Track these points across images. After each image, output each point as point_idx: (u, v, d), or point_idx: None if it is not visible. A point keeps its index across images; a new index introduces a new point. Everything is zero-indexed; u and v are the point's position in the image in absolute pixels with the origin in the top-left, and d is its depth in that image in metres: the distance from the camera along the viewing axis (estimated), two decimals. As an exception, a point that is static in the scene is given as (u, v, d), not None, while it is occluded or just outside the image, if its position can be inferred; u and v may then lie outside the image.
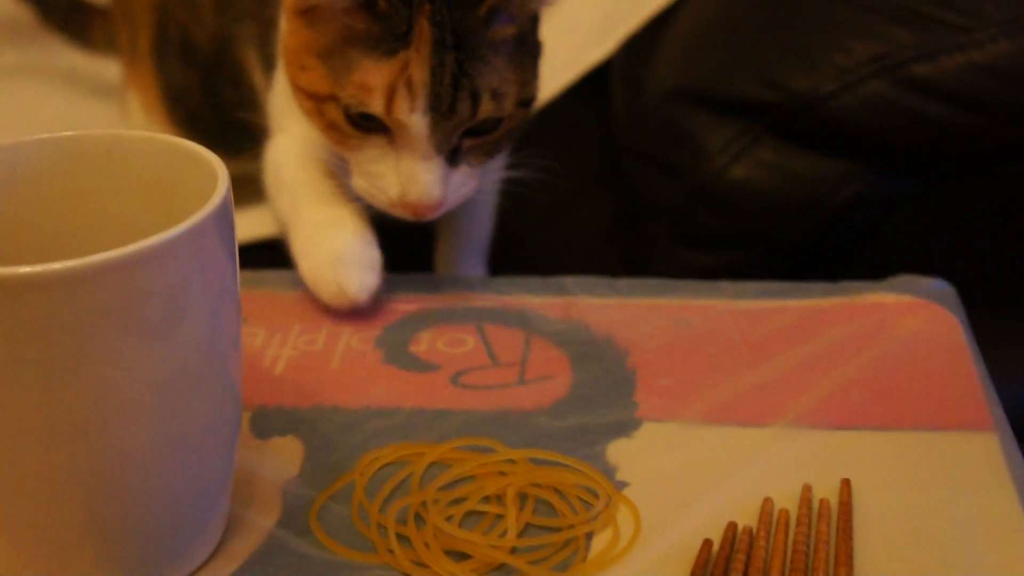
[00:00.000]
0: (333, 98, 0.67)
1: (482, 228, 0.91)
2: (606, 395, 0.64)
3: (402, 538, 0.53)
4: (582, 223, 1.06)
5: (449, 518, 0.54)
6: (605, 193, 1.08)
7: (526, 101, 0.71)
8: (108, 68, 1.14)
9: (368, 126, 0.67)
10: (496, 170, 0.79)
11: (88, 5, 1.16)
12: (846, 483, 0.56)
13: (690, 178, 0.93)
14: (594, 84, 1.09)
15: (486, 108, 0.67)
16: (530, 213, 0.98)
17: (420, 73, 0.64)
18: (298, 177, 0.76)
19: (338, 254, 0.70)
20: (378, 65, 0.65)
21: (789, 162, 0.89)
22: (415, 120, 0.65)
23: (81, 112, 1.16)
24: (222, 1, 0.93)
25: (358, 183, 0.71)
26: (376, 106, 0.65)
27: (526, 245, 1.01)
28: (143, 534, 0.50)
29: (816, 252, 0.90)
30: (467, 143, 0.69)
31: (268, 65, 0.83)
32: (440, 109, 0.65)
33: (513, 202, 0.87)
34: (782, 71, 0.89)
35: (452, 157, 0.69)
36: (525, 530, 0.54)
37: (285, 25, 0.70)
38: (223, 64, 0.92)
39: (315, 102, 0.69)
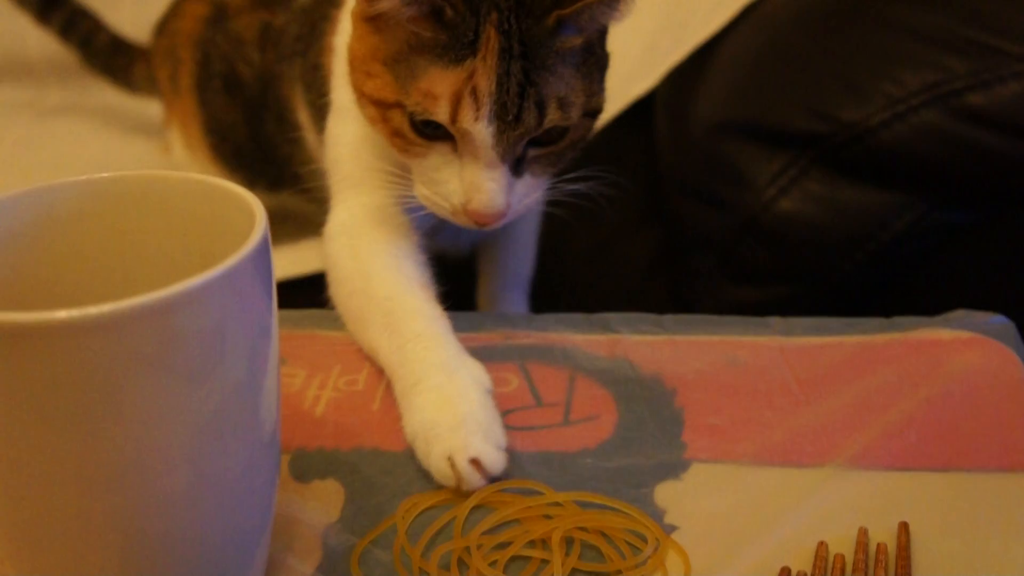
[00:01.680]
0: (399, 105, 0.67)
1: (524, 264, 0.90)
2: (653, 435, 0.63)
3: (446, 584, 0.52)
4: (627, 258, 1.05)
5: (493, 563, 0.53)
6: (650, 227, 1.07)
7: (592, 112, 0.70)
8: (150, 108, 1.15)
9: (433, 134, 0.67)
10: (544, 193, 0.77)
11: (130, 47, 1.17)
12: (904, 526, 0.54)
13: (737, 211, 0.92)
14: (638, 116, 1.08)
15: (552, 117, 0.66)
16: (574, 248, 0.97)
17: (486, 82, 0.64)
18: (396, 292, 0.70)
19: (463, 425, 0.61)
20: (444, 73, 0.64)
21: (839, 194, 0.88)
22: (480, 129, 0.65)
23: (123, 150, 1.17)
24: (267, 39, 0.93)
25: (420, 191, 0.70)
26: (441, 114, 0.65)
27: (570, 281, 1.01)
28: (181, 581, 0.49)
29: (868, 287, 0.89)
30: (532, 153, 0.68)
31: (316, 110, 0.83)
32: (506, 118, 0.65)
33: (556, 237, 0.86)
34: (831, 102, 0.88)
35: (516, 166, 0.68)
36: (572, 575, 0.53)
37: (351, 31, 0.70)
38: (268, 100, 0.92)
39: (380, 109, 0.68)
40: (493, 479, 0.59)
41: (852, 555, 0.53)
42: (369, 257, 0.73)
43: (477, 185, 0.67)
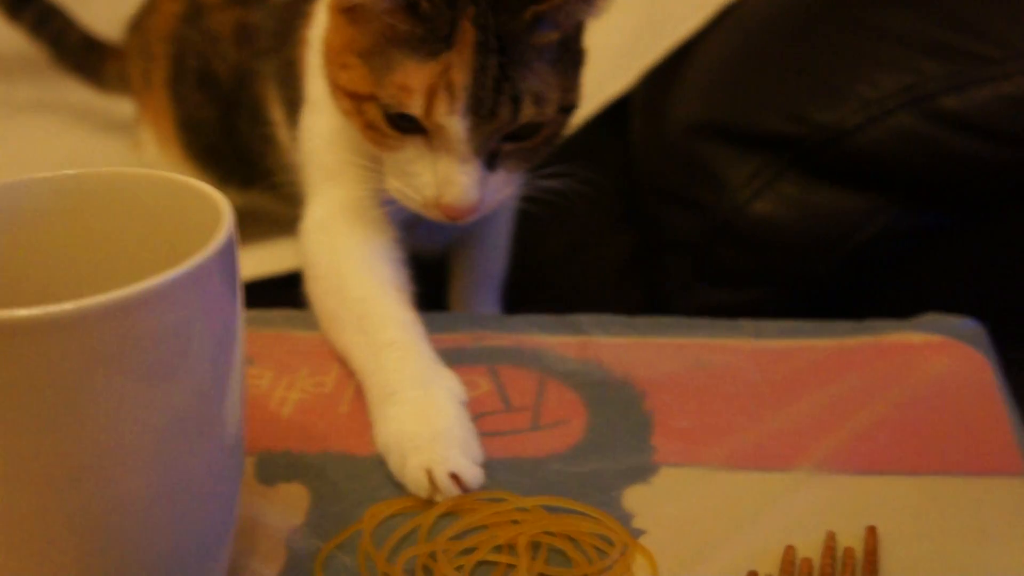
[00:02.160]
0: (373, 98, 0.66)
1: (497, 264, 0.90)
2: (622, 439, 0.62)
3: (411, 590, 0.52)
4: (600, 259, 1.04)
5: (459, 568, 0.53)
6: (624, 228, 1.06)
7: (568, 107, 0.70)
8: (121, 106, 1.14)
9: (407, 127, 0.66)
10: (517, 190, 0.77)
11: (102, 45, 1.16)
12: (872, 531, 0.54)
13: (711, 213, 0.91)
14: (613, 116, 1.07)
15: (527, 112, 0.66)
16: (547, 249, 0.97)
17: (461, 76, 0.64)
18: (369, 303, 0.70)
19: (442, 437, 0.61)
20: (419, 66, 0.64)
21: (813, 197, 0.87)
22: (454, 123, 0.64)
23: (94, 148, 1.16)
24: (243, 36, 0.92)
25: (392, 184, 0.70)
26: (415, 107, 0.65)
27: (542, 282, 1.00)
28: (142, 585, 0.48)
29: (841, 289, 0.88)
30: (506, 147, 0.68)
31: (290, 106, 0.82)
32: (481, 112, 0.64)
33: (529, 238, 0.85)
34: (806, 104, 0.87)
35: (490, 161, 0.68)
36: (538, 581, 0.52)
37: (327, 23, 0.70)
38: (242, 97, 0.92)
39: (355, 102, 0.68)
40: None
41: (820, 559, 0.53)
42: (345, 255, 0.72)
43: (450, 179, 0.66)
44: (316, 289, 0.73)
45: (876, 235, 0.86)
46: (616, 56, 1.08)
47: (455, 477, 0.58)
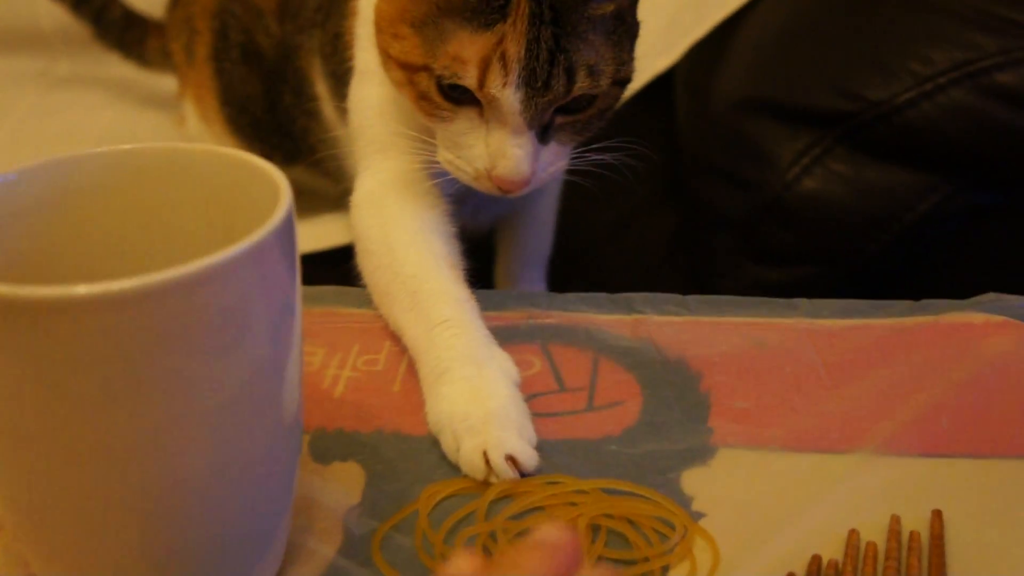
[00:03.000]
0: (426, 68, 0.66)
1: (543, 242, 0.89)
2: (679, 420, 0.62)
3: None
4: (645, 237, 1.04)
5: (518, 548, 0.52)
6: (669, 206, 1.05)
7: (622, 80, 0.69)
8: (162, 81, 1.14)
9: (460, 98, 0.66)
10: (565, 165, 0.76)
11: (143, 21, 1.16)
12: (937, 514, 0.53)
13: (759, 191, 0.90)
14: (658, 93, 1.06)
15: (581, 85, 0.65)
16: (592, 226, 0.96)
17: (515, 47, 0.63)
18: (422, 268, 0.69)
19: (496, 419, 0.59)
20: (473, 37, 0.63)
21: (864, 174, 0.86)
22: (508, 95, 0.64)
23: (135, 122, 1.16)
24: (287, 11, 0.92)
25: (444, 156, 0.69)
26: (469, 79, 0.64)
27: (587, 259, 0.99)
28: (199, 560, 0.48)
29: (894, 269, 0.87)
30: (559, 120, 0.67)
31: (335, 80, 0.81)
32: (534, 84, 0.63)
33: (574, 215, 0.85)
34: (857, 80, 0.86)
35: (543, 133, 0.67)
36: (598, 563, 0.52)
37: None
38: (286, 71, 0.91)
39: (407, 72, 0.67)
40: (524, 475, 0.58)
41: (884, 543, 0.52)
42: (396, 230, 0.71)
43: (503, 151, 0.66)
44: (368, 264, 0.72)
45: (928, 213, 0.85)
46: (662, 31, 1.07)
47: (511, 459, 0.58)
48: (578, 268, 0.96)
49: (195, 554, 0.47)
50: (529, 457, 0.58)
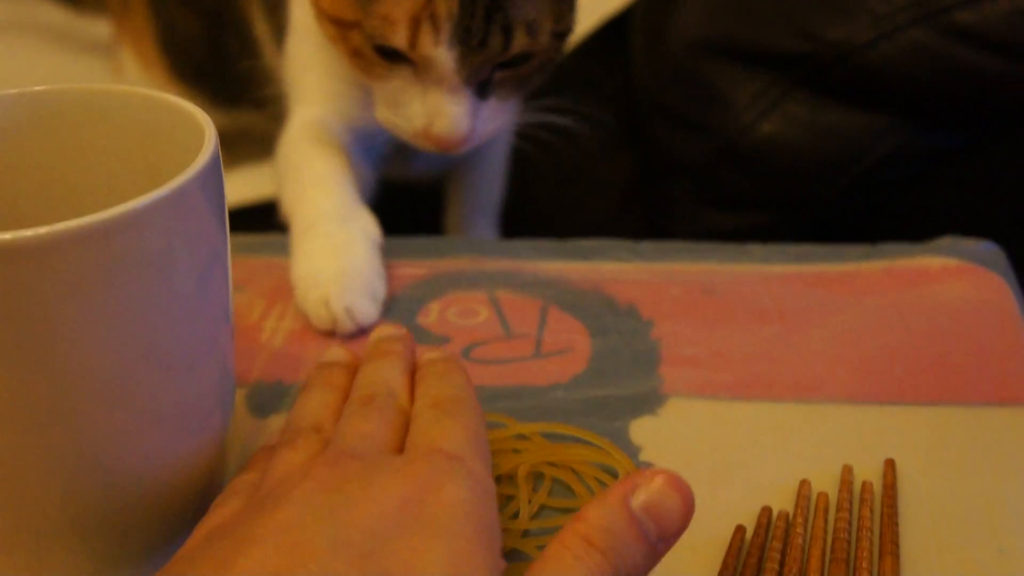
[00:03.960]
0: (358, 25, 0.64)
1: (494, 188, 0.87)
2: (628, 369, 0.60)
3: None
4: (600, 183, 1.02)
5: (460, 500, 0.50)
6: (624, 151, 1.04)
7: (562, 33, 0.67)
8: (99, 27, 1.10)
9: (395, 55, 0.64)
10: (513, 118, 0.75)
11: None
12: (890, 464, 0.52)
13: (716, 134, 0.89)
14: (611, 34, 1.04)
15: (520, 42, 0.63)
16: (545, 172, 0.94)
17: (446, 4, 0.61)
18: (311, 164, 0.71)
19: (345, 274, 0.64)
20: None
21: (822, 117, 0.85)
22: (441, 53, 0.62)
23: (73, 69, 1.13)
24: None
25: (382, 113, 0.68)
26: (399, 40, 0.62)
27: (541, 206, 0.98)
28: (127, 523, 0.46)
29: (852, 213, 0.86)
30: (498, 75, 0.66)
31: (275, 23, 0.79)
32: (470, 43, 0.62)
33: (527, 160, 0.83)
34: (814, 20, 0.84)
35: (481, 89, 0.65)
36: (539, 512, 0.50)
37: None
38: (226, 13, 0.88)
39: (339, 28, 0.65)
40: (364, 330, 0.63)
41: (836, 494, 0.51)
42: (308, 158, 0.72)
43: (440, 110, 0.64)
44: (283, 189, 0.72)
45: (887, 156, 0.84)
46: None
47: (349, 312, 0.62)
48: (532, 217, 0.94)
49: (121, 516, 0.46)
50: (367, 313, 0.63)
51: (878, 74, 0.82)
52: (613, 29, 1.04)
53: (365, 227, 0.67)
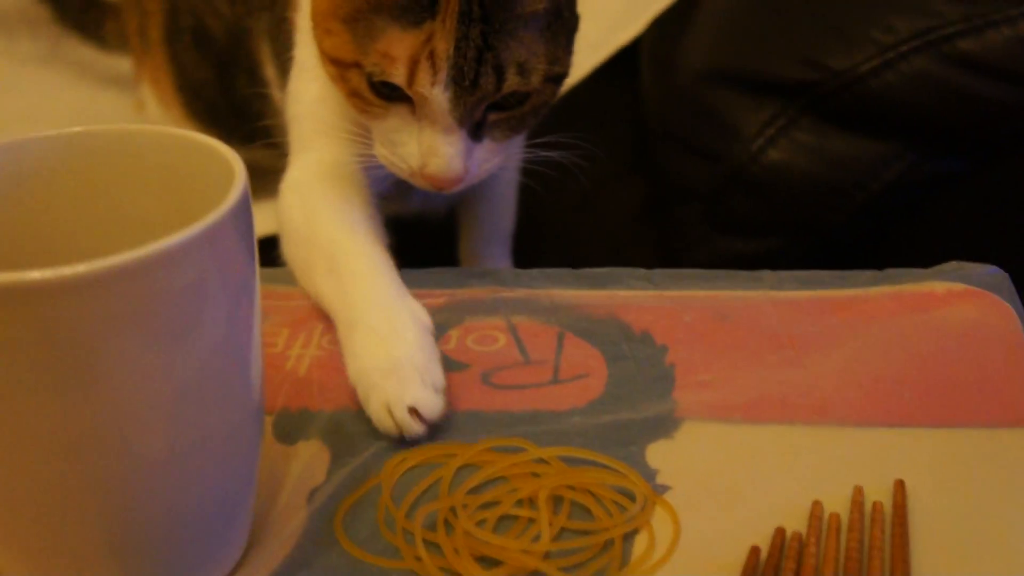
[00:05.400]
0: (357, 65, 0.65)
1: (505, 217, 0.89)
2: (644, 394, 0.62)
3: (431, 544, 0.51)
4: (611, 210, 1.03)
5: (481, 523, 0.52)
6: (635, 178, 1.05)
7: (556, 77, 0.68)
8: (123, 63, 1.13)
9: (391, 95, 0.65)
10: (518, 152, 0.76)
11: (102, 3, 1.14)
12: (900, 485, 0.53)
13: (724, 162, 0.90)
14: (622, 65, 1.06)
15: (511, 83, 0.64)
16: (557, 200, 0.96)
17: (444, 45, 0.62)
18: (340, 242, 0.68)
19: (400, 367, 0.60)
20: (402, 35, 0.63)
21: (828, 144, 0.86)
22: (436, 93, 0.63)
23: (97, 103, 1.15)
24: None
25: (380, 151, 0.69)
26: (398, 77, 0.63)
27: (553, 234, 0.99)
28: (162, 546, 0.48)
29: (859, 238, 0.87)
30: (492, 117, 0.67)
31: (281, 66, 0.81)
32: (462, 83, 0.63)
33: (539, 189, 0.84)
34: (820, 49, 0.86)
35: (476, 131, 0.67)
36: (560, 534, 0.52)
37: None
38: (238, 55, 0.90)
39: (339, 68, 0.67)
40: (432, 425, 0.59)
41: (848, 514, 0.52)
42: (317, 207, 0.71)
43: (434, 149, 0.65)
44: (289, 244, 0.72)
45: (893, 182, 0.85)
46: (624, 4, 1.07)
47: (414, 411, 0.58)
48: (544, 243, 0.95)
49: (157, 540, 0.47)
50: (432, 406, 0.59)
51: (883, 102, 0.83)
52: (624, 58, 1.06)
53: (413, 312, 0.64)
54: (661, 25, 1.04)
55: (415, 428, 0.58)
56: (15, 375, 0.41)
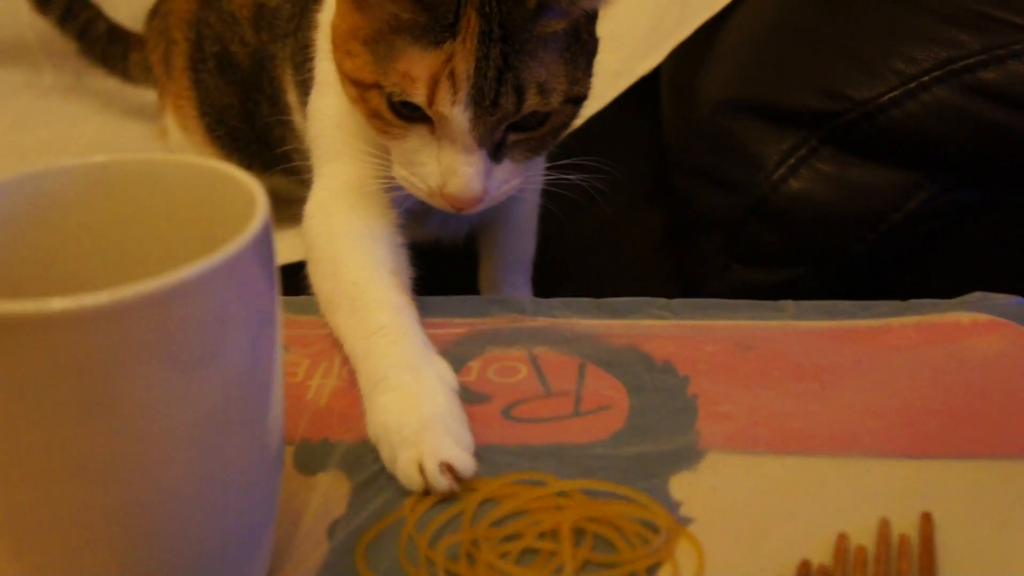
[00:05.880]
0: (377, 86, 0.66)
1: (526, 245, 0.89)
2: (667, 425, 0.61)
3: (453, 576, 0.51)
4: (632, 239, 1.03)
5: (503, 555, 0.52)
6: (655, 208, 1.05)
7: (576, 98, 0.68)
8: (146, 94, 1.14)
9: (411, 115, 0.66)
10: (538, 177, 0.76)
11: (127, 36, 1.16)
12: (927, 517, 0.53)
13: (745, 192, 0.90)
14: (643, 94, 1.06)
15: (531, 103, 0.65)
16: (578, 229, 0.96)
17: (464, 65, 0.62)
18: (362, 286, 0.68)
19: (432, 426, 0.58)
20: (423, 55, 0.63)
21: (849, 173, 0.86)
22: (457, 113, 0.63)
23: (120, 134, 1.16)
24: (261, 20, 0.91)
25: (399, 172, 0.69)
26: (419, 97, 0.64)
27: (573, 263, 0.99)
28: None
29: (881, 269, 0.87)
30: (512, 138, 0.67)
31: (304, 90, 0.81)
32: (483, 103, 0.63)
33: (560, 214, 0.84)
34: (841, 79, 0.86)
35: (496, 151, 0.67)
36: (583, 567, 0.51)
37: (335, 8, 0.69)
38: (262, 81, 0.91)
39: (359, 89, 0.67)
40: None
41: (874, 547, 0.51)
42: (341, 238, 0.71)
43: (454, 169, 0.65)
44: (315, 273, 0.72)
45: (914, 212, 0.85)
46: (645, 33, 1.07)
47: (448, 468, 0.57)
48: (564, 272, 0.95)
49: (176, 570, 0.47)
50: (465, 463, 0.57)
51: (904, 132, 0.83)
52: (644, 90, 1.06)
53: (440, 372, 0.63)
54: (682, 54, 1.04)
55: (445, 483, 0.56)
56: (36, 403, 0.41)
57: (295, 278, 0.73)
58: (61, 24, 1.16)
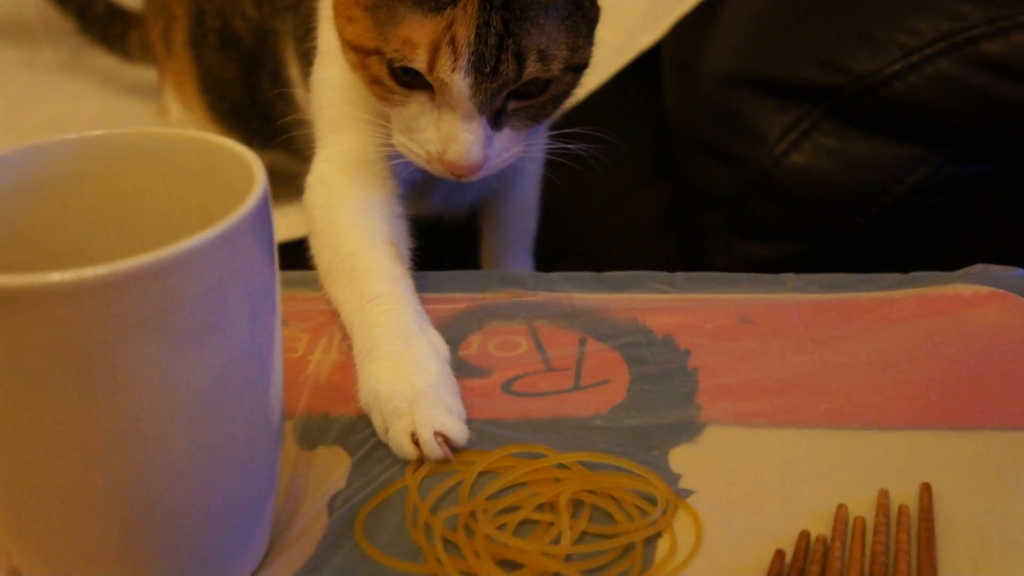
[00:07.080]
0: (377, 52, 0.65)
1: (527, 220, 0.89)
2: (666, 398, 0.61)
3: (452, 547, 0.51)
4: (633, 214, 1.03)
5: (501, 527, 0.52)
6: (657, 183, 1.05)
7: (577, 66, 0.68)
8: (146, 72, 1.14)
9: (412, 82, 0.66)
10: (540, 149, 0.75)
11: (126, 15, 1.15)
12: (926, 487, 0.53)
13: (747, 166, 0.90)
14: (644, 69, 1.05)
15: (531, 70, 0.64)
16: (579, 204, 0.96)
17: (464, 32, 0.62)
18: (358, 256, 0.68)
19: (424, 395, 0.59)
20: (423, 21, 0.63)
21: (852, 147, 0.86)
22: (457, 79, 0.63)
23: (120, 111, 1.16)
24: None
25: (398, 139, 0.69)
26: (419, 63, 0.64)
27: (575, 238, 0.99)
28: (183, 549, 0.47)
29: (883, 242, 0.87)
30: (512, 105, 0.67)
31: (304, 61, 0.81)
32: (483, 69, 0.63)
33: (562, 186, 0.84)
34: (843, 53, 0.86)
35: (496, 119, 0.67)
36: (581, 538, 0.51)
37: None
38: (263, 56, 0.91)
39: (360, 55, 0.67)
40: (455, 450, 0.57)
41: (873, 518, 0.52)
42: (340, 209, 0.71)
43: (453, 135, 0.65)
44: (315, 244, 0.72)
45: (917, 185, 0.84)
46: (646, 8, 1.06)
47: (442, 436, 0.57)
48: (566, 248, 0.95)
49: (177, 543, 0.47)
50: (459, 432, 0.57)
51: (907, 105, 0.83)
52: (646, 65, 1.05)
53: (433, 342, 0.63)
54: (683, 29, 1.03)
55: (439, 452, 0.56)
56: (35, 376, 0.41)
57: (298, 254, 0.73)
58: (60, 2, 1.16)
